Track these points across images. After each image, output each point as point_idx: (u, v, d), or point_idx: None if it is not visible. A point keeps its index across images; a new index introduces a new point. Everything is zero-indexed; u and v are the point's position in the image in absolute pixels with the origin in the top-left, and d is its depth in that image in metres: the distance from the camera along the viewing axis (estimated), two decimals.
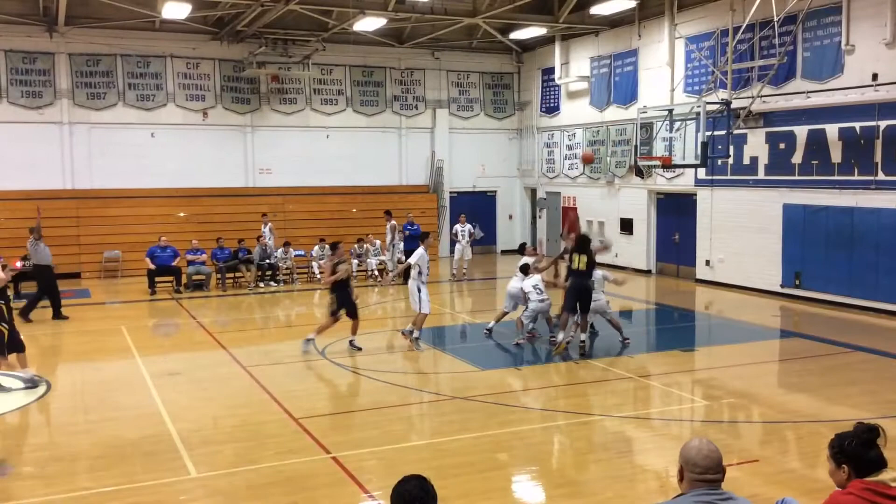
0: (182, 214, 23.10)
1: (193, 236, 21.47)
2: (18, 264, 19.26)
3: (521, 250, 15.69)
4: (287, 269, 21.66)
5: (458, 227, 22.39)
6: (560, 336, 12.91)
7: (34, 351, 13.95)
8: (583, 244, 12.81)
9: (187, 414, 9.86)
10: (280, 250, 21.61)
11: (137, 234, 22.05)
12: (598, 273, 13.23)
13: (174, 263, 20.28)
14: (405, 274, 21.40)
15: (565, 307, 12.83)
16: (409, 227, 21.63)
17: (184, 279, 20.27)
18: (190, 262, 20.63)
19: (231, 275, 21.01)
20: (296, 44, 24.18)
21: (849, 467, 3.65)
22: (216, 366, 12.53)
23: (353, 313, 13.32)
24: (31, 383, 10.95)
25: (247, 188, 24.63)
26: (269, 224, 22.06)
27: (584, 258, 12.61)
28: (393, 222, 21.98)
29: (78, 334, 15.26)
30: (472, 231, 22.09)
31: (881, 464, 3.63)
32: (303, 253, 22.23)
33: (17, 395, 10.67)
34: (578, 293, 12.60)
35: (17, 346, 10.97)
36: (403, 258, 21.72)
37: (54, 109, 22.48)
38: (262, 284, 20.99)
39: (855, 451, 3.64)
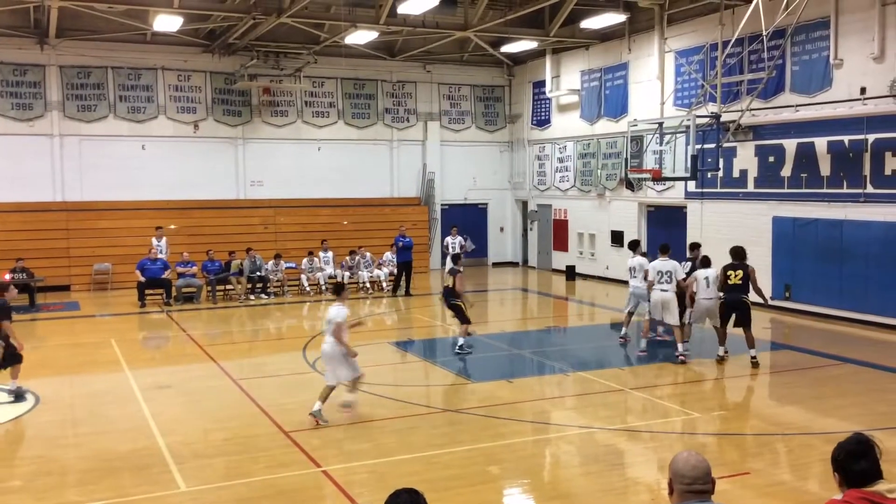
0: (173, 227, 23.04)
1: (184, 248, 21.41)
2: (8, 276, 19.20)
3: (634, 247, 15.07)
4: (278, 281, 21.62)
5: (448, 239, 22.42)
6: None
7: (22, 364, 13.88)
8: (739, 258, 12.78)
9: (177, 427, 9.81)
10: (271, 262, 21.58)
11: (128, 247, 21.95)
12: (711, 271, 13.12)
13: (164, 276, 20.22)
14: (396, 285, 21.62)
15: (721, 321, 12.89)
16: (401, 240, 21.63)
17: (174, 291, 20.21)
18: (180, 275, 20.57)
19: (221, 287, 20.96)
20: (287, 56, 24.23)
21: (840, 476, 3.67)
22: (206, 379, 12.48)
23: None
24: (17, 396, 10.92)
25: (238, 200, 24.61)
26: (164, 238, 21.27)
27: (741, 272, 12.59)
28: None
29: (67, 347, 15.18)
30: (464, 243, 22.11)
31: (874, 475, 3.64)
32: (293, 265, 22.20)
33: (2, 409, 10.62)
34: (734, 308, 12.67)
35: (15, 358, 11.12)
36: (395, 271, 21.83)
37: (45, 121, 22.44)
38: (252, 297, 20.95)
39: (842, 461, 3.66)
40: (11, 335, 11.09)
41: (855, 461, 3.63)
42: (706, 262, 13.26)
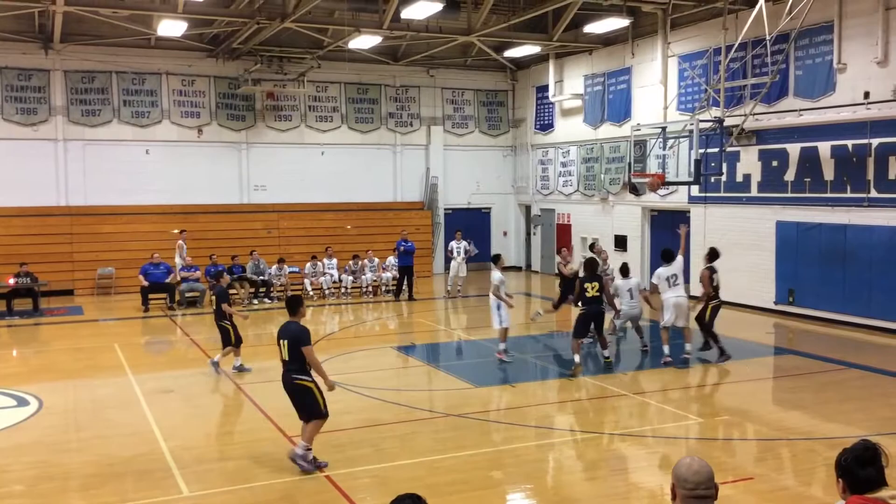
0: (176, 231, 23.06)
1: (187, 253, 21.43)
2: (11, 281, 19.23)
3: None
4: (281, 285, 21.63)
5: (453, 243, 22.43)
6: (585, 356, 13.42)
7: (25, 369, 13.93)
8: (593, 270, 13.07)
9: (180, 432, 9.82)
10: (274, 267, 21.60)
11: (131, 251, 21.99)
12: (633, 281, 14.27)
13: (167, 280, 20.24)
14: (398, 290, 21.64)
15: (576, 334, 12.89)
16: (402, 244, 21.64)
17: (177, 296, 20.22)
18: (183, 279, 20.58)
19: None
20: (291, 61, 24.28)
21: (844, 482, 3.67)
22: (209, 383, 12.48)
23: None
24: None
25: (241, 205, 24.63)
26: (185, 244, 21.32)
27: (597, 284, 12.88)
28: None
29: (71, 351, 15.19)
30: (468, 247, 22.12)
31: (878, 482, 3.64)
32: (297, 269, 22.22)
33: (5, 414, 10.63)
34: (593, 318, 12.95)
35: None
36: (397, 274, 21.85)
37: (49, 126, 22.49)
38: (255, 301, 20.96)
39: (848, 466, 3.65)
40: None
41: (862, 467, 3.63)
42: (625, 272, 14.28)
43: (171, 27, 19.74)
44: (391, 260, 22.52)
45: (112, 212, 22.90)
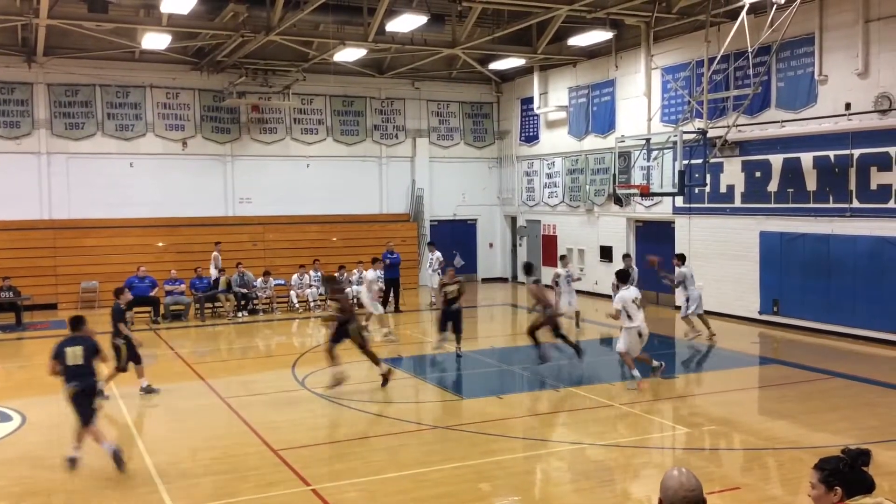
0: (161, 244, 22.96)
1: (172, 266, 21.33)
2: None
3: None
4: (267, 298, 21.55)
5: (428, 255, 22.50)
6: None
7: (9, 384, 13.77)
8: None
9: (165, 446, 9.74)
10: (260, 280, 21.52)
11: (115, 265, 21.84)
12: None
13: (152, 293, 20.12)
14: (384, 302, 21.61)
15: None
16: (388, 256, 21.61)
17: (162, 309, 20.10)
18: (168, 293, 20.47)
19: (210, 305, 20.86)
20: (276, 74, 24.28)
21: (842, 489, 3.70)
22: (194, 397, 12.40)
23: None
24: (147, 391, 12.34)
25: (226, 217, 24.54)
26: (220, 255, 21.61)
27: (457, 287, 14.99)
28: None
29: None
30: (441, 259, 22.06)
31: (874, 485, 3.71)
32: (283, 282, 22.14)
33: None
34: (453, 316, 15.09)
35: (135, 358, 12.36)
36: (383, 286, 21.78)
37: (32, 139, 22.36)
38: (240, 315, 20.86)
39: (853, 473, 3.71)
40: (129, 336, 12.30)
41: (865, 472, 3.70)
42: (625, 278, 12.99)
43: (156, 40, 19.69)
44: (378, 272, 22.41)
45: (96, 225, 22.77)
